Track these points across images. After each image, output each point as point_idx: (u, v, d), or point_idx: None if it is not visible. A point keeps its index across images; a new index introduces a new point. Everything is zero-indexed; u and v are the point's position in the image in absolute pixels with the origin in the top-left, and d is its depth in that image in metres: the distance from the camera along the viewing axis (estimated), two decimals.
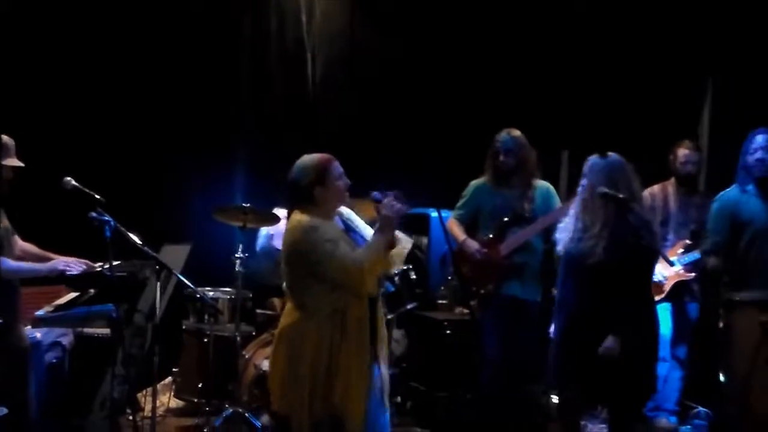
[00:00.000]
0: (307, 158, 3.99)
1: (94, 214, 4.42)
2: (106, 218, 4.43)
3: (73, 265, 4.61)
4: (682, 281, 5.49)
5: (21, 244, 4.70)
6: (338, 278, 3.80)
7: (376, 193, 3.93)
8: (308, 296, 3.87)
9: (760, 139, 4.66)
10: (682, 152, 5.67)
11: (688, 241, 5.47)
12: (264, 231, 5.79)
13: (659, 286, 5.34)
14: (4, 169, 4.40)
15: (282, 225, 4.40)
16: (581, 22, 6.78)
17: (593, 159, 4.34)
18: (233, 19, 6.91)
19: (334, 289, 3.82)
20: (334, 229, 3.92)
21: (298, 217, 3.90)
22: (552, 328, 4.59)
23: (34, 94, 5.99)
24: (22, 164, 4.50)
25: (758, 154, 4.64)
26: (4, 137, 4.41)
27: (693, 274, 5.48)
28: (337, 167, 3.98)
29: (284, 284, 4.01)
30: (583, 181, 4.34)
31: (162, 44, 6.52)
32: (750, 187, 4.70)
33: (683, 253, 5.44)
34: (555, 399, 6.10)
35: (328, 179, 3.92)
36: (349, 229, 4.08)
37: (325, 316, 3.82)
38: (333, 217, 4.02)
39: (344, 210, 4.13)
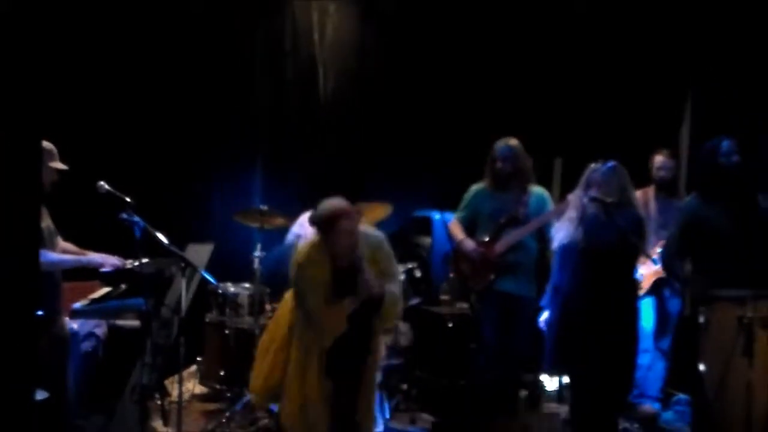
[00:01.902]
0: (328, 203, 4.17)
1: (124, 216, 4.56)
2: (136, 219, 4.56)
3: (109, 261, 4.77)
4: (663, 278, 5.62)
5: (62, 244, 4.82)
6: (303, 316, 4.20)
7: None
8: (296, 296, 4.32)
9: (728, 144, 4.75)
10: (658, 159, 5.87)
11: None
12: (295, 228, 5.90)
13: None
14: (49, 171, 4.50)
15: (309, 229, 4.56)
16: (572, 36, 6.90)
17: (593, 165, 4.67)
18: (252, 37, 7.04)
19: None
20: (322, 272, 4.16)
21: (306, 243, 4.27)
22: (542, 318, 4.88)
23: (66, 105, 5.91)
24: (66, 167, 4.60)
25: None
26: (46, 143, 4.46)
27: None
28: (346, 225, 4.09)
29: None
30: (582, 184, 4.69)
31: (187, 56, 6.62)
32: (711, 193, 4.79)
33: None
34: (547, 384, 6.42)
35: (333, 231, 4.11)
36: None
37: (302, 315, 4.25)
38: (342, 255, 4.16)
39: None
